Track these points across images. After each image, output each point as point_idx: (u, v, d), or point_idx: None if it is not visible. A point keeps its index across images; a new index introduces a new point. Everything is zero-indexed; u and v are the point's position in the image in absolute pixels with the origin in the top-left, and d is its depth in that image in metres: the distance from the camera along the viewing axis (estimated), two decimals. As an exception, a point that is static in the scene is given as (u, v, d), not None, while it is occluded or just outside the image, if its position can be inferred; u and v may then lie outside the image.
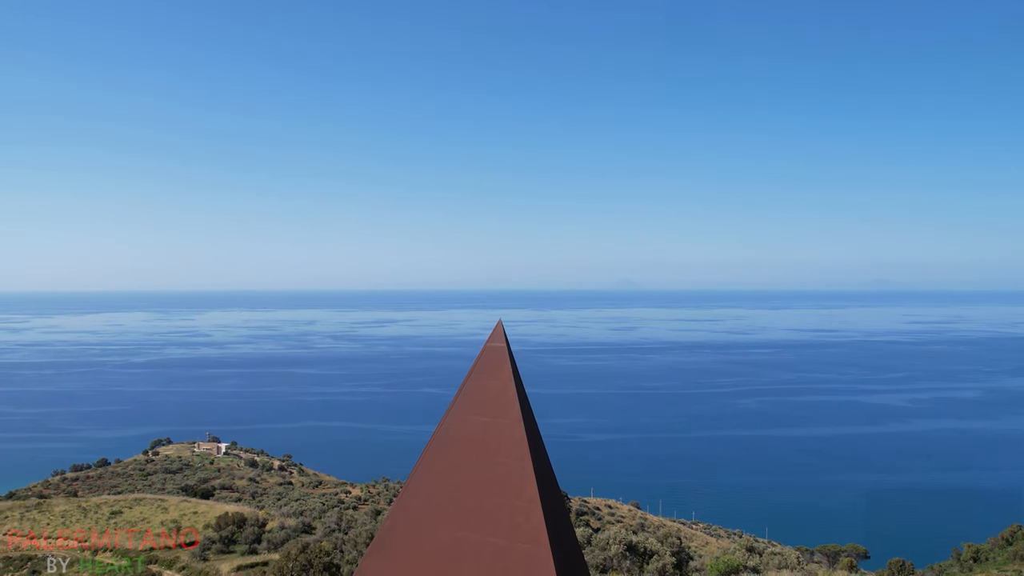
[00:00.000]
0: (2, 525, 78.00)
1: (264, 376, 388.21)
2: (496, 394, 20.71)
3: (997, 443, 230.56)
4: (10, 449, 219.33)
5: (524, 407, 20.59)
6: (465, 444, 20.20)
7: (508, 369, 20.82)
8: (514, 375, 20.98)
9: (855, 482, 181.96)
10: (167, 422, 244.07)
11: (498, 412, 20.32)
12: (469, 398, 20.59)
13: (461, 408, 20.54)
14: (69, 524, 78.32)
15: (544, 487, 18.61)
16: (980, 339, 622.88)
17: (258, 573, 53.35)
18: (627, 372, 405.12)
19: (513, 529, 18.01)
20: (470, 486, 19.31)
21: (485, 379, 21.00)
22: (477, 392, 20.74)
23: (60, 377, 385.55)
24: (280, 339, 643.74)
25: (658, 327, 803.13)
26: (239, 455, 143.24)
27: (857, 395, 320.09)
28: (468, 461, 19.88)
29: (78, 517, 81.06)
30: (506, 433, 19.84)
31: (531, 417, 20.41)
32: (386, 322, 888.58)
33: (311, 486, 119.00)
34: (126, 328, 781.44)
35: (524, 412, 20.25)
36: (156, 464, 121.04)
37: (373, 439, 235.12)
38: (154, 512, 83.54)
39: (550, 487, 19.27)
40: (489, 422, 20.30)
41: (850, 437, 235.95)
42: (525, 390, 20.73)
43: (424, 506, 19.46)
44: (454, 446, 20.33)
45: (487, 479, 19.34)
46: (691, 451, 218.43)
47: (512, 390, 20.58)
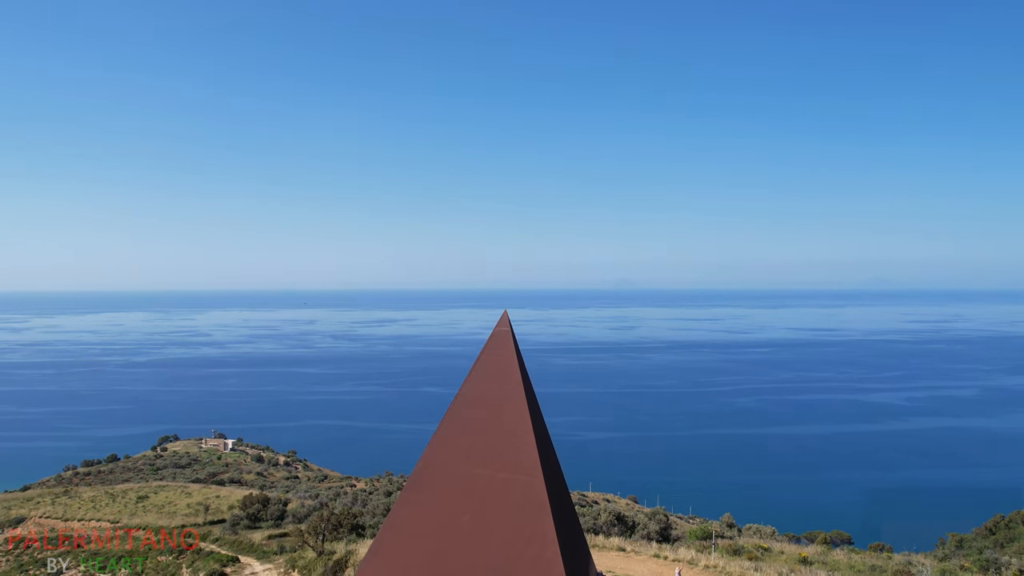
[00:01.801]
0: (36, 509, 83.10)
1: (265, 375, 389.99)
2: (502, 367, 29.21)
3: (993, 441, 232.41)
4: (16, 448, 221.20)
5: (524, 377, 29.47)
6: (478, 403, 28.89)
7: (512, 348, 29.72)
8: (516, 352, 29.68)
9: (852, 479, 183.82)
10: (170, 421, 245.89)
11: (504, 380, 28.80)
12: (481, 369, 29.54)
13: (475, 377, 29.50)
14: (99, 508, 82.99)
15: (538, 435, 28.06)
16: (978, 338, 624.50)
17: (287, 541, 59.69)
18: (626, 371, 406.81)
19: (515, 465, 27.06)
20: (482, 434, 28.16)
21: (494, 355, 29.74)
22: (487, 365, 29.55)
23: (62, 377, 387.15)
24: (280, 339, 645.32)
25: (657, 326, 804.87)
26: (245, 451, 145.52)
27: (855, 393, 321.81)
28: (480, 416, 28.66)
29: (107, 502, 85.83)
30: (509, 395, 28.44)
31: (529, 385, 29.76)
32: (386, 321, 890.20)
33: (317, 480, 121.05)
34: (126, 328, 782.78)
35: (524, 380, 29.14)
36: (165, 459, 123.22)
37: (374, 437, 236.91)
38: (179, 496, 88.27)
39: (543, 436, 29.03)
40: (497, 387, 28.94)
41: (847, 435, 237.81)
42: (526, 366, 29.22)
43: (447, 450, 28.69)
44: (469, 405, 29.04)
45: (495, 429, 28.16)
46: (690, 449, 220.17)
47: (515, 363, 29.27)
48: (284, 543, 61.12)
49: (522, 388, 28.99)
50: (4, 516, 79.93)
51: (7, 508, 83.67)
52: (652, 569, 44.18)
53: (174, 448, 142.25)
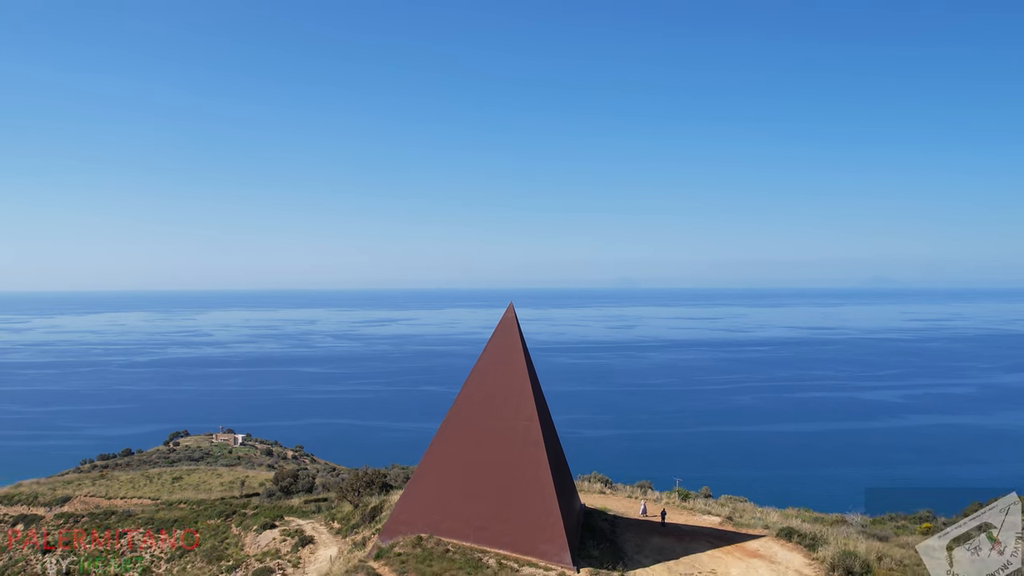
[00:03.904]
0: (79, 489, 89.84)
1: (267, 375, 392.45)
2: (510, 344, 40.73)
3: (989, 437, 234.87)
4: (21, 446, 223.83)
5: (526, 353, 40.32)
6: (490, 371, 40.51)
7: (516, 331, 40.76)
8: (520, 335, 40.62)
9: (848, 475, 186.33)
10: (174, 420, 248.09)
11: (510, 354, 40.33)
12: (493, 348, 40.80)
13: (488, 353, 40.87)
14: (138, 488, 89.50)
15: (535, 393, 39.29)
16: (977, 336, 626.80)
17: (323, 504, 69.50)
18: (626, 370, 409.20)
19: (517, 414, 38.80)
20: (494, 392, 39.88)
21: (503, 336, 40.96)
22: (497, 345, 40.83)
23: (65, 376, 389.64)
24: (282, 338, 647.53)
25: (657, 325, 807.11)
26: (255, 445, 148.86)
27: (852, 391, 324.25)
28: (492, 380, 40.23)
29: (144, 483, 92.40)
30: (514, 365, 40.09)
31: (530, 361, 40.91)
32: (386, 321, 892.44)
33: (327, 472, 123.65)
34: (128, 328, 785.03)
35: (526, 355, 40.14)
36: (178, 453, 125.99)
37: (377, 435, 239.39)
38: (211, 477, 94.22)
39: (539, 395, 40.55)
40: (505, 359, 40.36)
41: (844, 432, 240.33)
42: (528, 347, 40.86)
43: (469, 403, 40.63)
44: (484, 372, 40.64)
45: (503, 389, 39.73)
46: (689, 446, 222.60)
47: (519, 342, 40.24)
48: (320, 505, 68.69)
49: (524, 360, 40.60)
50: (52, 496, 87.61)
51: (52, 489, 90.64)
52: (624, 504, 55.67)
53: (186, 443, 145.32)
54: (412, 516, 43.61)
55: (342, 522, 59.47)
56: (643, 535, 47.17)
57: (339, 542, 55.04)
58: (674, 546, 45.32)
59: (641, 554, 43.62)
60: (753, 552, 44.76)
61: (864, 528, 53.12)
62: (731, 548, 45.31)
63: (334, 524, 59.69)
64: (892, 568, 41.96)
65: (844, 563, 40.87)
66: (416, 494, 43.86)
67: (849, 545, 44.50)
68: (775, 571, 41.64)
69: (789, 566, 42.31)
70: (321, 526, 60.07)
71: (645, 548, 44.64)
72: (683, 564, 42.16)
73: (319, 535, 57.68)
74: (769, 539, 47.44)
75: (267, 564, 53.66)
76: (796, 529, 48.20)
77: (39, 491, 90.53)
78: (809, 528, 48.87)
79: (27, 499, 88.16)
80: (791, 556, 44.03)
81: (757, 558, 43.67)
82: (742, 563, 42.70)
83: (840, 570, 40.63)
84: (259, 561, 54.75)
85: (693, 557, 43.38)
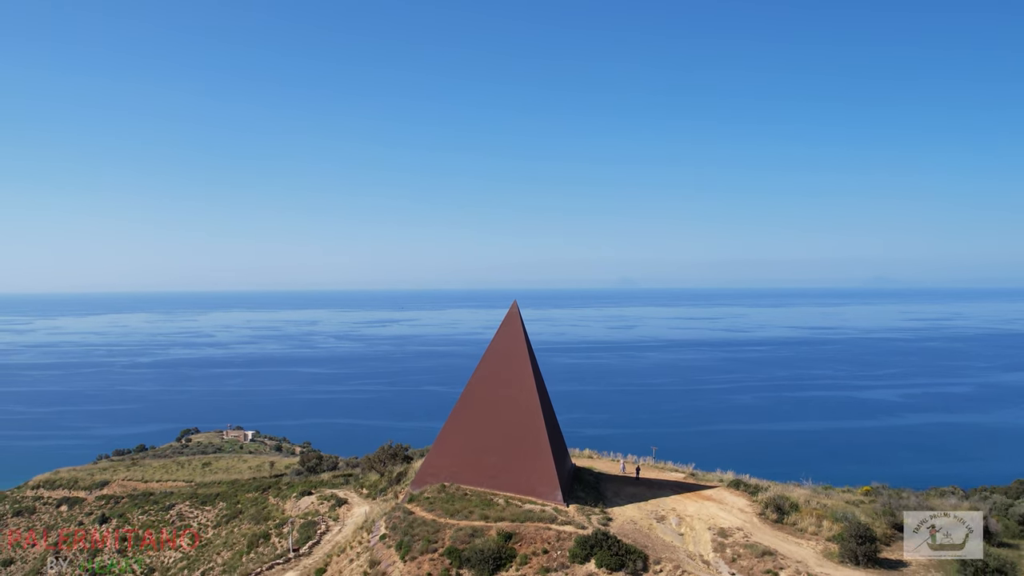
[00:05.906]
0: (115, 474, 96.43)
1: (269, 375, 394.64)
2: (513, 336, 50.76)
3: (986, 436, 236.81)
4: (29, 446, 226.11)
5: (527, 342, 50.77)
6: (497, 355, 50.76)
7: (519, 324, 50.42)
8: (522, 327, 50.41)
9: (847, 475, 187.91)
10: (178, 420, 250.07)
11: (514, 342, 50.56)
12: (500, 338, 50.63)
13: (496, 343, 50.72)
14: (171, 472, 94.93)
15: (535, 372, 50.32)
16: (976, 335, 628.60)
17: (350, 477, 77.86)
18: (626, 369, 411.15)
19: (519, 387, 50.34)
20: (500, 371, 50.44)
21: (509, 328, 50.72)
22: (504, 335, 50.74)
23: (69, 377, 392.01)
24: (283, 339, 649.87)
25: (657, 325, 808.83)
26: (264, 442, 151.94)
27: (851, 391, 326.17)
28: (499, 362, 50.76)
29: (176, 468, 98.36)
30: (516, 352, 50.57)
31: (531, 347, 51.22)
32: (388, 322, 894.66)
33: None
34: (130, 329, 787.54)
35: (527, 343, 50.59)
36: (192, 448, 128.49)
37: (380, 435, 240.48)
38: (238, 463, 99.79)
39: (537, 374, 51.18)
40: (510, 346, 50.66)
41: (844, 431, 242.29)
42: (529, 337, 51.31)
43: (482, 380, 51.34)
44: (493, 357, 50.72)
45: (509, 368, 50.34)
46: (688, 446, 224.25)
47: (521, 333, 50.17)
48: (347, 478, 76.91)
49: (525, 346, 51.11)
50: (91, 480, 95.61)
51: (90, 475, 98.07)
52: (608, 465, 67.24)
53: (197, 439, 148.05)
54: (437, 469, 54.72)
55: (370, 488, 68.85)
56: (620, 485, 58.68)
57: (370, 503, 64.60)
58: (644, 492, 56.57)
59: (618, 497, 54.98)
60: (707, 496, 55.86)
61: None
62: (690, 494, 56.26)
63: (363, 491, 69.21)
64: (815, 508, 51.27)
65: (775, 502, 51.48)
66: (440, 451, 54.82)
67: (785, 492, 54.70)
68: (723, 509, 52.51)
69: (734, 506, 53.35)
70: (352, 492, 69.44)
71: (621, 493, 56.15)
72: (651, 504, 53.47)
73: (352, 498, 67.21)
74: (721, 488, 58.33)
75: (311, 519, 62.63)
76: (743, 481, 59.58)
77: (78, 476, 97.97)
78: (755, 481, 59.37)
79: (67, 484, 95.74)
80: (737, 499, 55.07)
81: (710, 501, 54.62)
82: (697, 503, 53.81)
83: (772, 507, 51.13)
84: (302, 518, 63.33)
85: (659, 500, 54.53)
